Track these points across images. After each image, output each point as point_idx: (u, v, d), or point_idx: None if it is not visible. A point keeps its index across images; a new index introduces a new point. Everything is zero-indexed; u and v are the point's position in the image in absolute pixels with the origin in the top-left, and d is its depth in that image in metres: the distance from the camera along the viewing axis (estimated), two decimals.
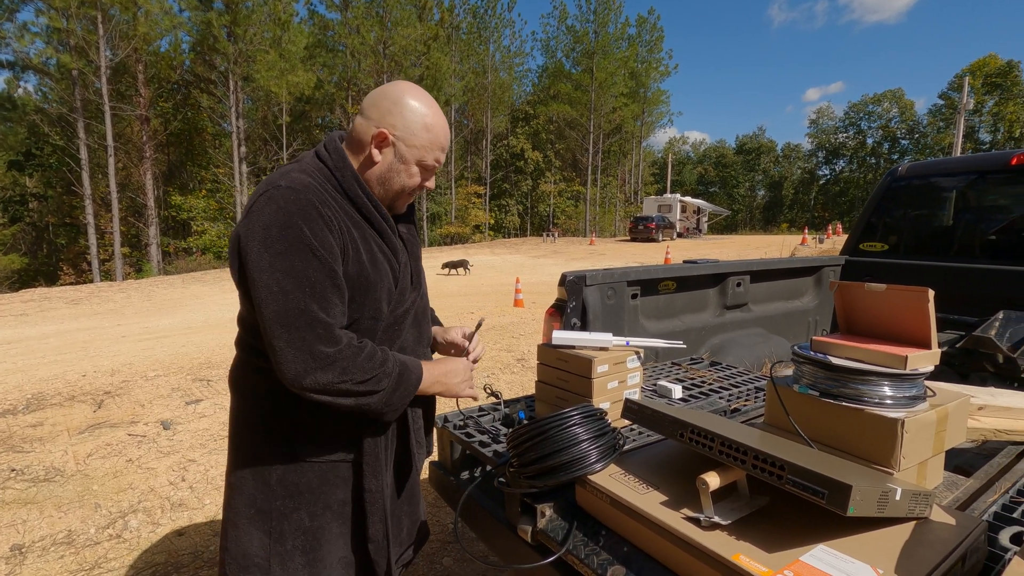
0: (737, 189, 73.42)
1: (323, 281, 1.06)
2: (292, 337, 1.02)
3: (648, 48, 46.28)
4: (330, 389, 1.06)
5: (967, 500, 1.17)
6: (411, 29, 32.89)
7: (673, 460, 1.18)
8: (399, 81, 1.23)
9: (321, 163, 1.18)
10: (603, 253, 24.29)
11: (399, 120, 1.16)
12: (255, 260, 1.03)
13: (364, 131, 1.18)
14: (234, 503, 1.24)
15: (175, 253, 30.04)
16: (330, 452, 1.21)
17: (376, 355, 1.12)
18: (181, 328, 9.03)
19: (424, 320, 1.38)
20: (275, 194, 1.07)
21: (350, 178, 1.16)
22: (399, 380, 1.14)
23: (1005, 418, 1.47)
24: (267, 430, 1.20)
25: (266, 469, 1.20)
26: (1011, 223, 2.97)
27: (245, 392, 1.24)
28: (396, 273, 1.23)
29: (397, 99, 1.17)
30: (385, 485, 1.24)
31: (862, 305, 1.28)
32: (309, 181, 1.11)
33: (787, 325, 3.09)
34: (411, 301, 1.29)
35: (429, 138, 1.18)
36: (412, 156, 1.19)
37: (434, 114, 1.19)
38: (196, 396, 5.01)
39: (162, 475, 3.40)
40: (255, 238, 1.04)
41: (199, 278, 18.07)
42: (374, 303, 1.17)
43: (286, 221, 1.04)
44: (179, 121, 31.08)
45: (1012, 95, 49.12)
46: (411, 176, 1.21)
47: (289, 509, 1.20)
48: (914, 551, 0.83)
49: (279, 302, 1.02)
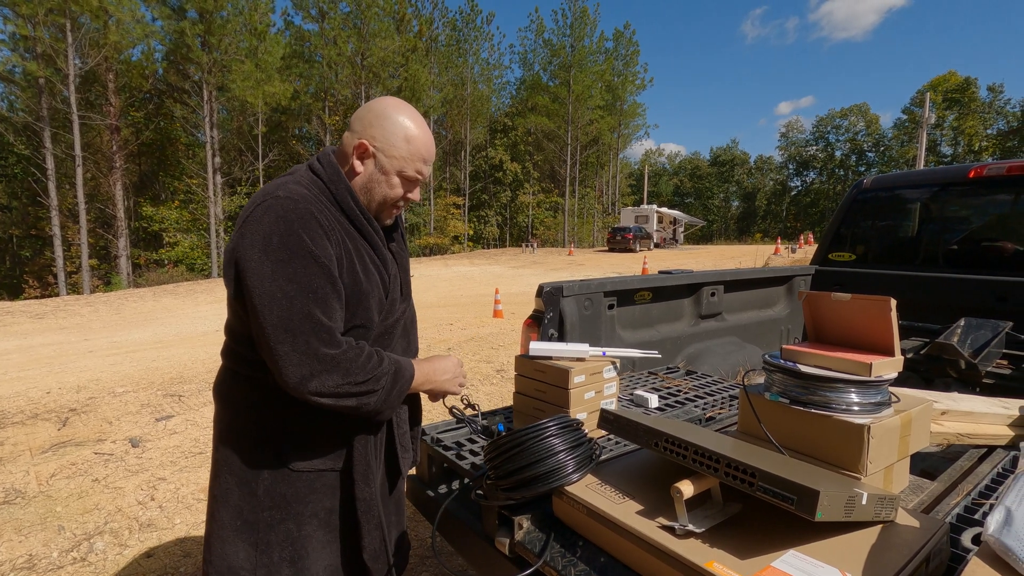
0: (712, 200, 74.83)
1: (324, 287, 1.08)
2: (297, 342, 1.04)
3: (624, 62, 47.06)
4: (335, 391, 1.08)
5: (931, 503, 1.20)
6: (389, 41, 32.94)
7: (649, 469, 1.19)
8: (387, 96, 1.26)
9: (315, 176, 1.20)
10: (582, 263, 24.47)
11: (379, 131, 1.18)
12: (255, 269, 1.05)
13: (348, 143, 1.21)
14: (218, 515, 1.22)
15: (146, 265, 29.31)
16: (318, 461, 1.21)
17: (373, 356, 1.14)
18: (152, 342, 8.80)
19: (412, 330, 1.41)
20: (273, 204, 1.09)
21: (344, 190, 1.19)
22: (395, 378, 1.17)
23: (967, 422, 1.52)
24: (254, 440, 1.19)
25: (253, 480, 1.19)
26: (971, 233, 3.09)
27: (232, 402, 1.23)
28: (386, 284, 1.25)
29: (380, 112, 1.20)
30: (376, 492, 1.25)
31: (829, 314, 1.32)
32: (305, 192, 1.13)
33: (760, 333, 3.15)
34: (400, 312, 1.32)
35: (409, 149, 1.20)
36: (392, 167, 1.20)
37: (416, 126, 1.21)
38: (167, 412, 4.88)
39: (130, 494, 3.29)
40: (255, 247, 1.05)
41: (171, 291, 17.65)
42: (366, 312, 1.19)
43: (286, 229, 1.06)
44: (151, 131, 30.47)
45: (970, 110, 51.19)
46: (392, 187, 1.22)
47: (276, 520, 1.19)
48: (880, 554, 0.86)
49: (283, 308, 1.04)
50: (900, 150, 56.79)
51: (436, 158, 27.19)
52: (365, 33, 32.40)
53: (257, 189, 28.84)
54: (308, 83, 34.07)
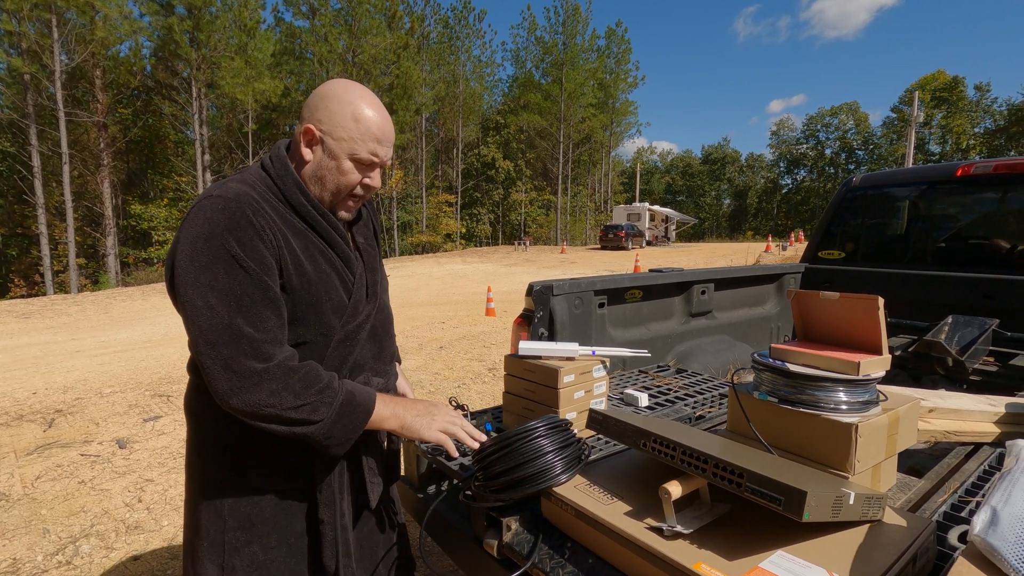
0: (704, 198, 75.15)
1: (251, 294, 1.00)
2: (217, 354, 0.97)
3: (616, 60, 47.12)
4: (258, 413, 0.98)
5: (919, 501, 1.21)
6: (380, 38, 32.78)
7: (637, 469, 1.18)
8: (336, 79, 1.16)
9: (265, 173, 1.13)
10: (574, 261, 24.49)
11: (324, 114, 1.10)
12: (181, 274, 0.99)
13: (297, 132, 1.13)
14: (189, 534, 1.18)
15: (135, 264, 29.06)
16: (284, 480, 1.15)
17: (316, 380, 1.03)
18: (140, 342, 8.72)
19: (385, 335, 1.31)
20: (205, 204, 1.02)
21: (291, 185, 1.11)
22: (341, 411, 1.04)
23: (954, 420, 1.53)
24: (218, 457, 1.14)
25: (218, 498, 1.13)
26: (958, 231, 3.11)
27: (197, 417, 1.18)
28: (348, 285, 1.17)
29: (325, 94, 1.11)
30: (339, 515, 1.17)
31: (817, 313, 1.32)
32: (244, 191, 1.05)
33: (751, 332, 3.16)
34: (365, 315, 1.21)
35: (359, 129, 1.10)
36: (341, 150, 1.10)
37: (367, 104, 1.11)
38: (155, 412, 4.83)
39: (117, 496, 3.25)
40: (182, 251, 0.99)
41: (160, 290, 17.48)
42: (321, 316, 1.12)
43: (211, 232, 0.99)
44: (139, 128, 30.14)
45: (958, 109, 51.72)
46: (344, 173, 1.12)
47: (241, 542, 1.13)
48: (868, 554, 0.85)
49: (204, 317, 0.97)
50: (889, 148, 57.31)
51: (428, 156, 27.03)
52: (356, 30, 32.23)
53: None
54: (299, 80, 33.84)
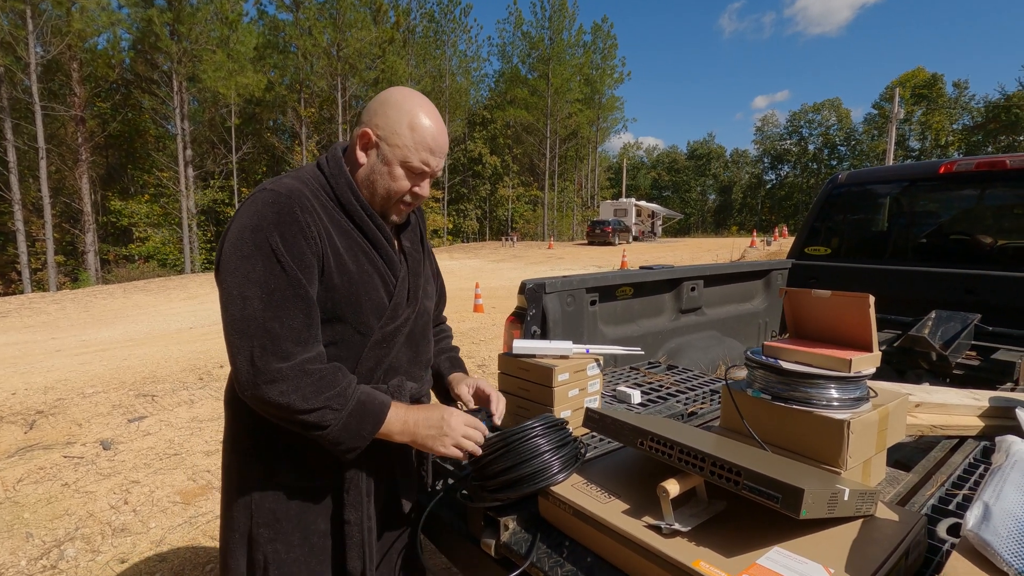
0: (689, 193, 75.67)
1: (283, 290, 1.02)
2: (243, 345, 0.99)
3: (602, 55, 47.15)
4: (268, 410, 1.02)
5: (907, 494, 1.23)
6: (365, 32, 32.41)
7: (633, 467, 1.19)
8: (398, 86, 1.20)
9: (319, 171, 1.15)
10: (561, 257, 24.54)
11: (383, 119, 1.12)
12: (225, 261, 1.02)
13: (354, 135, 1.16)
14: (223, 527, 1.20)
15: (115, 261, 28.50)
16: (311, 478, 1.15)
17: (330, 385, 1.03)
18: (123, 340, 8.57)
19: (422, 340, 1.30)
20: (258, 197, 1.05)
21: (344, 185, 1.14)
22: (348, 421, 1.04)
23: (939, 414, 1.56)
24: (250, 450, 1.15)
25: (248, 492, 1.15)
26: (940, 228, 3.17)
27: (234, 408, 1.19)
28: (390, 287, 1.18)
29: (385, 100, 1.14)
30: (366, 517, 1.18)
31: (809, 310, 1.34)
32: (297, 187, 1.08)
33: (739, 327, 3.19)
34: (404, 318, 1.21)
35: (413, 138, 1.12)
36: (394, 156, 1.13)
37: (424, 114, 1.13)
38: (139, 413, 4.76)
39: (102, 499, 3.21)
40: (230, 239, 1.03)
41: (142, 287, 17.20)
42: (360, 316, 1.13)
43: (257, 224, 1.02)
44: (119, 122, 29.48)
45: (937, 106, 52.57)
46: (395, 179, 1.14)
47: (265, 538, 1.14)
48: (862, 549, 0.87)
49: (236, 307, 1.00)
50: (871, 144, 58.08)
51: None
52: (341, 23, 31.83)
53: (231, 182, 27.90)
54: (283, 74, 33.36)
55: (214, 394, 5.29)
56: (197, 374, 5.90)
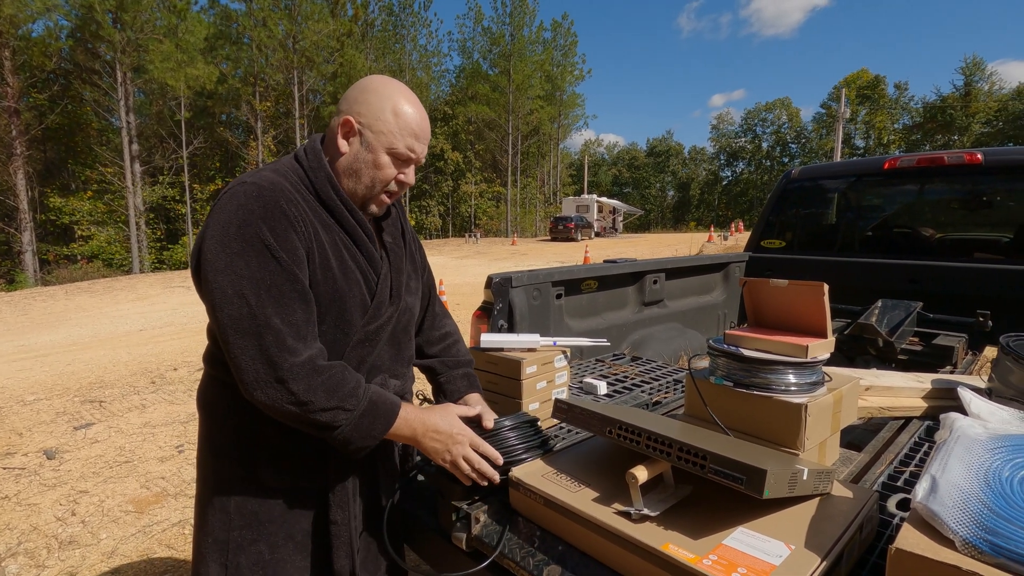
0: (649, 190, 77.13)
1: (282, 284, 0.98)
2: (247, 344, 0.95)
3: (563, 52, 47.47)
4: (279, 409, 0.97)
5: (860, 473, 1.29)
6: (323, 24, 31.66)
7: (602, 456, 1.21)
8: (376, 75, 1.17)
9: (297, 164, 1.11)
10: (525, 253, 24.63)
11: (364, 107, 1.10)
12: (211, 260, 0.96)
13: (333, 124, 1.12)
14: (196, 532, 1.16)
15: (56, 261, 26.96)
16: (295, 478, 1.12)
17: (341, 384, 1.01)
18: (65, 344, 8.13)
19: (405, 337, 1.28)
20: (238, 191, 1.00)
21: (323, 179, 1.09)
22: (361, 420, 1.02)
23: (887, 397, 1.64)
24: (229, 451, 1.11)
25: (226, 495, 1.11)
26: (884, 221, 3.33)
27: (211, 409, 1.15)
28: (372, 285, 1.15)
29: (365, 87, 1.12)
30: (352, 516, 1.16)
31: (767, 299, 1.38)
32: (278, 180, 1.04)
33: (700, 319, 3.28)
34: (387, 316, 1.19)
35: (398, 123, 1.10)
36: (379, 143, 1.10)
37: (406, 100, 1.11)
38: (86, 420, 4.53)
39: (47, 511, 3.04)
40: (213, 237, 0.97)
41: (86, 288, 16.34)
42: (343, 315, 1.10)
43: (245, 219, 0.98)
44: (57, 115, 27.89)
45: (880, 106, 55.19)
46: (380, 167, 1.11)
47: (247, 541, 1.10)
48: (820, 525, 0.91)
49: (233, 306, 0.96)
50: (820, 142, 60.48)
51: None
52: (297, 15, 30.97)
53: (181, 178, 26.85)
54: (236, 66, 32.25)
55: (167, 398, 5.09)
56: (149, 378, 5.65)
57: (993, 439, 0.93)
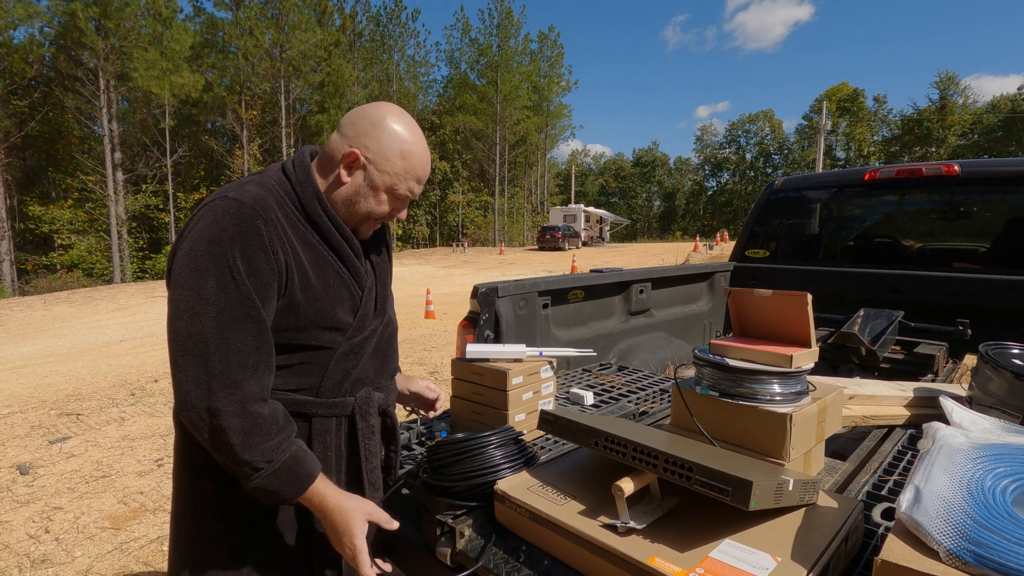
0: (635, 200, 77.83)
1: (235, 309, 0.96)
2: (186, 364, 0.94)
3: (550, 63, 47.94)
4: (199, 436, 0.97)
5: (844, 482, 1.29)
6: (310, 33, 31.65)
7: (588, 468, 1.20)
8: (384, 102, 1.15)
9: (284, 177, 1.09)
10: (512, 262, 24.66)
11: (374, 143, 1.08)
12: (176, 271, 0.96)
13: (337, 149, 1.09)
14: (171, 548, 1.14)
15: (34, 271, 26.46)
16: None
17: (266, 438, 0.97)
18: (43, 356, 7.95)
19: (389, 350, 1.28)
20: (217, 206, 0.99)
21: (310, 195, 1.08)
22: (271, 479, 0.98)
23: (870, 405, 1.66)
24: (205, 465, 1.08)
25: (203, 509, 1.09)
26: (866, 231, 3.38)
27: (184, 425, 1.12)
28: (356, 299, 1.15)
29: (377, 120, 1.09)
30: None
31: (752, 309, 1.39)
32: (262, 195, 1.02)
33: (685, 328, 3.29)
34: (372, 329, 1.18)
35: (404, 166, 1.10)
36: (383, 182, 1.10)
37: (415, 141, 1.11)
38: (62, 433, 4.42)
39: (19, 528, 2.95)
40: (183, 249, 0.97)
41: (65, 298, 16.03)
42: (325, 330, 1.09)
43: (215, 236, 0.96)
44: (38, 122, 27.47)
45: (859, 118, 56.39)
46: (379, 203, 1.12)
47: (225, 556, 1.09)
48: (806, 536, 0.90)
49: (183, 322, 0.94)
50: (802, 153, 61.54)
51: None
52: (284, 25, 30.93)
53: (165, 187, 26.56)
54: (222, 75, 32.07)
55: (148, 410, 4.98)
56: (128, 390, 5.53)
57: (975, 448, 0.94)
